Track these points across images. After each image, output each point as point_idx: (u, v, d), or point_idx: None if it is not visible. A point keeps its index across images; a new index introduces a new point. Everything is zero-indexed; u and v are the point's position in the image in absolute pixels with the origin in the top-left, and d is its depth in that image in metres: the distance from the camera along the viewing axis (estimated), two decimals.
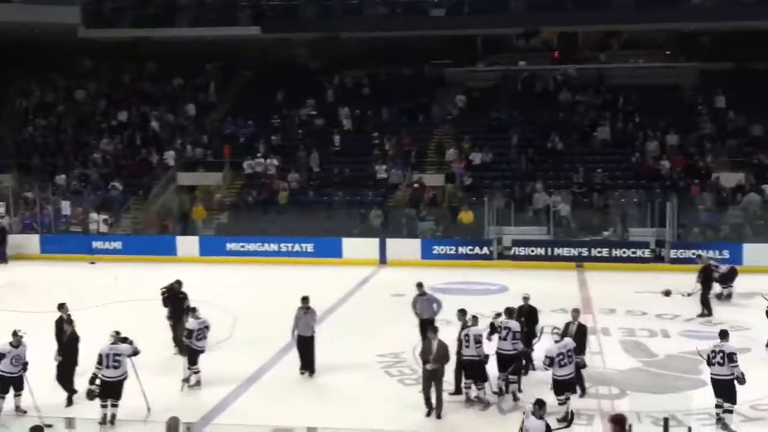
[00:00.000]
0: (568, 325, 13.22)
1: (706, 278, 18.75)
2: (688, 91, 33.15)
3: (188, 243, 27.13)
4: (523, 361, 13.66)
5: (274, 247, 26.53)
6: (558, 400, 12.11)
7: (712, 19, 31.77)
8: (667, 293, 20.00)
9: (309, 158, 30.69)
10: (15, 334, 12.39)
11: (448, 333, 13.44)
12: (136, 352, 12.37)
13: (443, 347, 12.49)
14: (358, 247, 26.09)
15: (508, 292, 20.61)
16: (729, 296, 19.96)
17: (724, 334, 12.23)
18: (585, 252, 25.15)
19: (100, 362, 12.07)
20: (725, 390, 11.68)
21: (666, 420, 9.62)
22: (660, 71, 33.86)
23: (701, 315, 18.45)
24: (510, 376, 13.07)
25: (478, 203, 27.03)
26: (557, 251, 25.40)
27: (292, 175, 29.86)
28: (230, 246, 26.80)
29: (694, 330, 17.34)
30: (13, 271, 25.37)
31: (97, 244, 27.50)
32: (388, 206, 28.07)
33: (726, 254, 23.57)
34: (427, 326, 13.68)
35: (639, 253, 24.75)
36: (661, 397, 12.95)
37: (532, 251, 25.54)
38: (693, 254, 20.57)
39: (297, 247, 26.42)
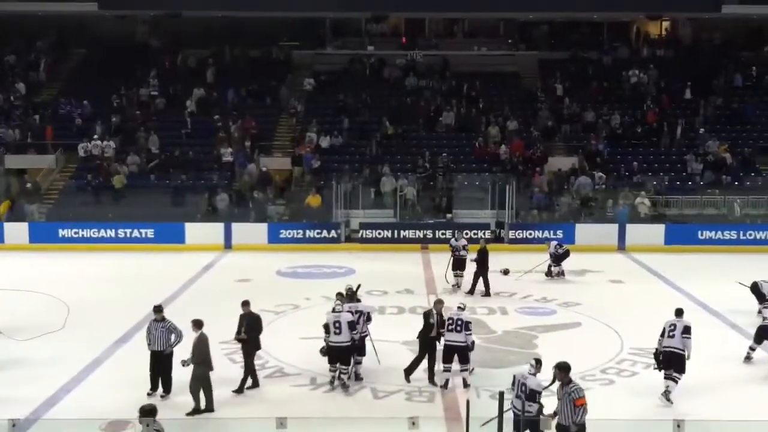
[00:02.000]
0: (429, 312, 13.28)
1: (482, 260, 19.25)
2: (527, 78, 34.50)
3: (16, 229, 25.34)
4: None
5: (110, 233, 25.26)
6: (444, 366, 12.72)
7: (548, 9, 33.11)
8: (506, 272, 20.68)
9: (148, 140, 29.44)
10: None
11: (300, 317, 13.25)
12: None
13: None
14: (201, 232, 25.34)
15: (355, 275, 20.66)
16: (560, 274, 20.93)
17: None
18: (430, 234, 25.66)
19: None
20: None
21: (501, 393, 9.84)
22: (501, 59, 35.08)
23: (469, 292, 18.96)
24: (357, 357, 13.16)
25: (326, 187, 26.96)
26: (403, 234, 25.76)
27: (132, 157, 28.55)
28: (63, 232, 25.25)
29: (529, 307, 18.07)
30: None
31: None
32: (233, 190, 27.42)
33: (560, 234, 24.74)
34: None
35: (480, 234, 25.47)
36: (498, 372, 13.35)
37: (380, 234, 25.76)
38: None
39: (136, 233, 25.29)
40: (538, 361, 10.17)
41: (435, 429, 10.95)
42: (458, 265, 19.75)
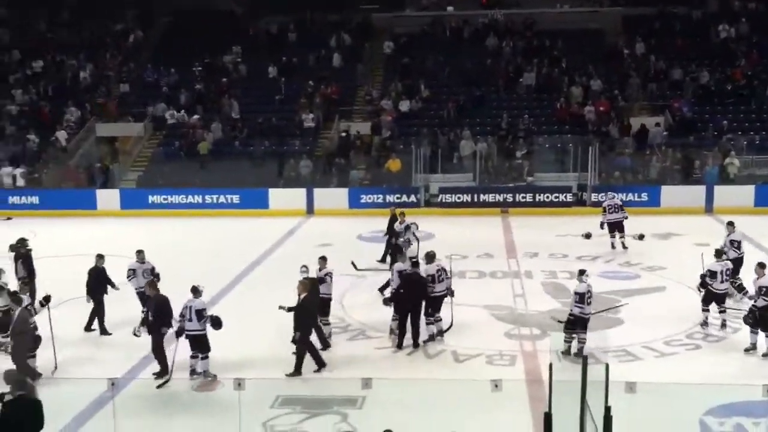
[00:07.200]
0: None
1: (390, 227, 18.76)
2: (611, 36, 33.54)
3: (108, 196, 26.44)
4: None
5: (198, 199, 26.08)
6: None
7: None
8: (588, 236, 20.32)
9: (232, 107, 30.03)
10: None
11: None
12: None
13: None
14: (284, 197, 25.85)
15: (434, 239, 20.75)
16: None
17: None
18: (510, 197, 25.48)
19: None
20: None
21: (585, 357, 9.84)
22: (584, 16, 34.17)
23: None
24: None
25: (406, 151, 27.01)
26: (483, 197, 25.65)
27: (215, 124, 29.21)
28: (152, 198, 26.20)
29: (612, 271, 17.78)
30: None
31: (13, 200, 26.59)
32: (316, 155, 27.79)
33: (645, 197, 24.19)
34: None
35: (561, 197, 25.19)
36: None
37: (459, 198, 25.75)
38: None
39: (222, 199, 26.02)
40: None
41: (517, 391, 11.00)
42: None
